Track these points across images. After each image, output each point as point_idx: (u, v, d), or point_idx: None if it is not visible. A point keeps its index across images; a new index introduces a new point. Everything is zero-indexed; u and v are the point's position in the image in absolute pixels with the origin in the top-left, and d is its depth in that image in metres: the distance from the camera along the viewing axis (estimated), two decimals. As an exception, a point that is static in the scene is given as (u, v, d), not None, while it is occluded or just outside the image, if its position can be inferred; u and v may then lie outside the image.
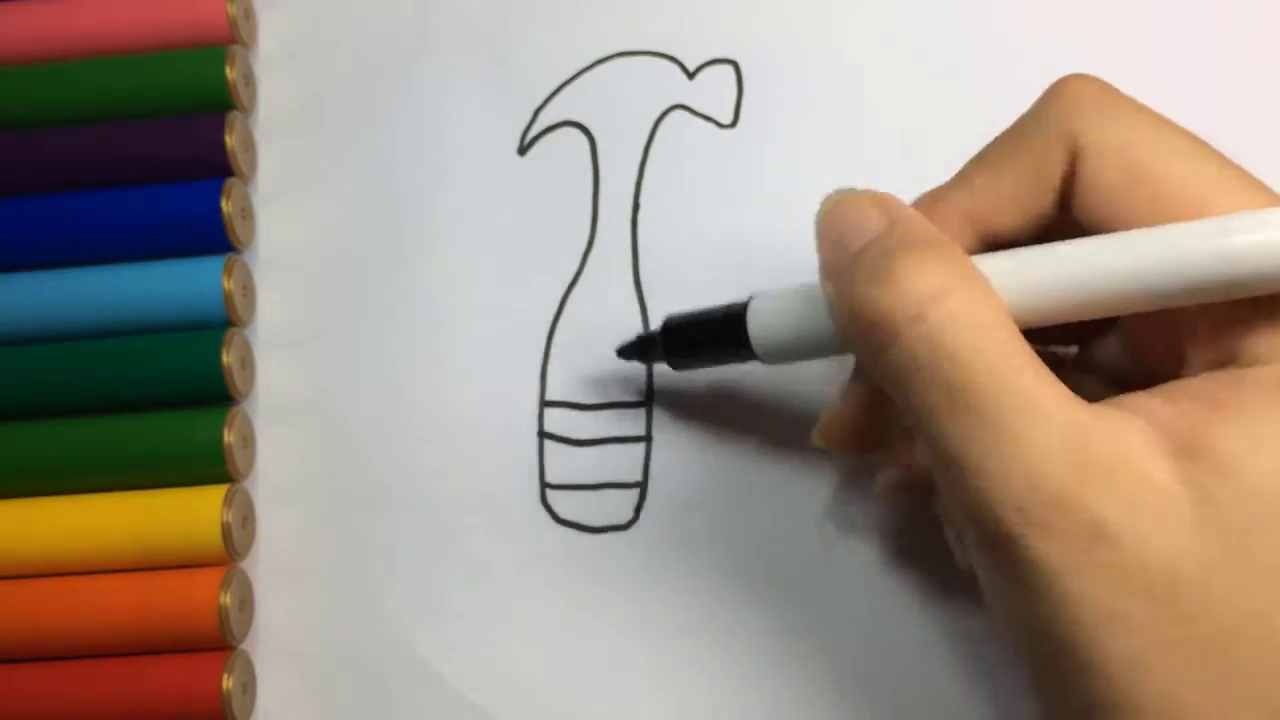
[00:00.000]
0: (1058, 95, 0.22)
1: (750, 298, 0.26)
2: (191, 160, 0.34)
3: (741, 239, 0.32)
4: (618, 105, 0.34)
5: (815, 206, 0.24)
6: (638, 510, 0.31)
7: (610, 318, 0.32)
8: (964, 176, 0.24)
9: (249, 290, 0.34)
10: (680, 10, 0.35)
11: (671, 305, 0.32)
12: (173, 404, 0.32)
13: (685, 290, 0.32)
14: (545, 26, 0.35)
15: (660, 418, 0.31)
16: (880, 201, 0.23)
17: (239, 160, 0.34)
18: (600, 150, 0.34)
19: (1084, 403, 0.20)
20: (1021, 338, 0.20)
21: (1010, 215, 0.23)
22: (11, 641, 0.30)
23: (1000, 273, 0.21)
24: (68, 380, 0.32)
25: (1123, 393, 0.21)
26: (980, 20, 0.33)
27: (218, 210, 0.33)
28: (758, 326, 0.26)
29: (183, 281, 0.33)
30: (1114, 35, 0.33)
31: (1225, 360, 0.20)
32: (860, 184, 0.24)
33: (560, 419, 0.32)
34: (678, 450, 0.31)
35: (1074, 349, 0.26)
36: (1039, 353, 0.23)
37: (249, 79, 0.35)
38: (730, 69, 0.34)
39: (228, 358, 0.32)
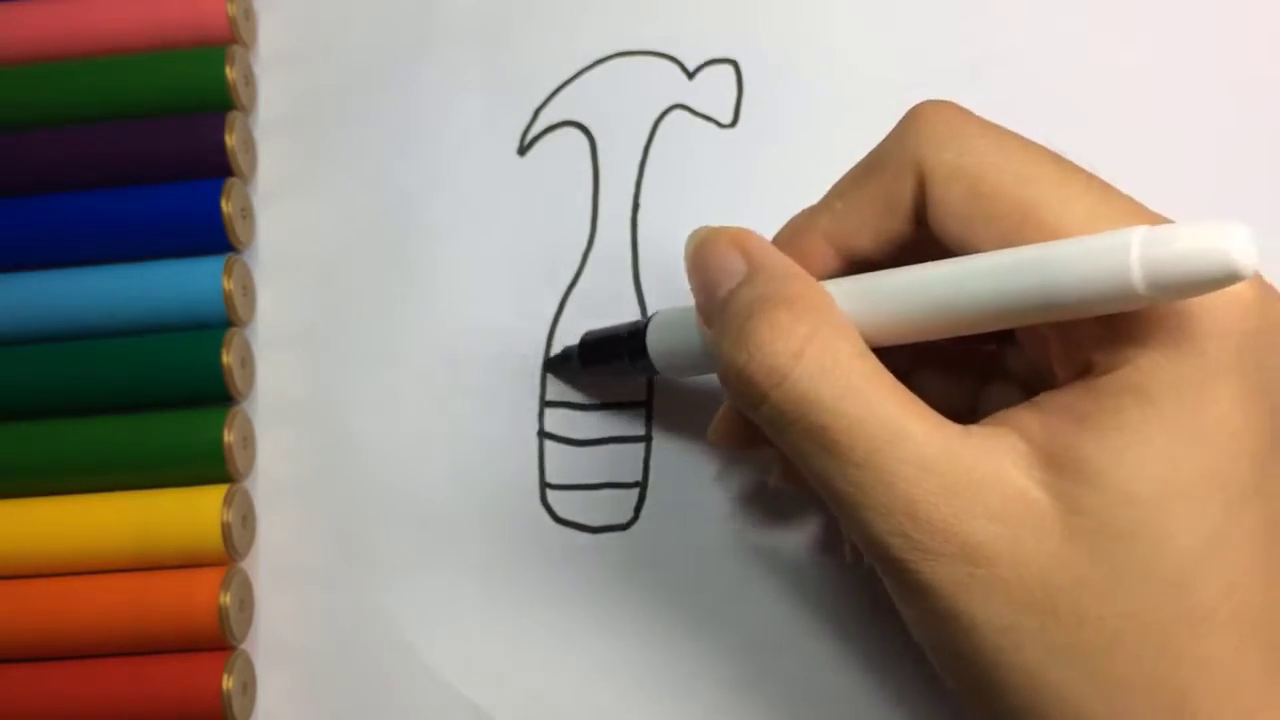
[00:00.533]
0: (909, 121, 0.23)
1: (652, 315, 0.28)
2: (191, 160, 0.34)
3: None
4: (618, 105, 0.34)
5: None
6: (638, 510, 0.31)
7: (610, 317, 0.32)
8: (826, 201, 0.24)
9: (249, 290, 0.34)
10: (680, 10, 0.35)
11: (671, 305, 0.32)
12: (173, 404, 0.32)
13: (685, 290, 0.32)
14: (545, 26, 0.35)
15: (660, 418, 0.31)
16: (740, 243, 0.23)
17: (239, 160, 0.34)
18: (600, 150, 0.34)
19: (953, 425, 0.21)
20: (883, 370, 0.21)
21: (868, 237, 0.24)
22: (11, 641, 0.30)
23: (850, 295, 0.22)
24: (68, 380, 0.32)
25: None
26: (980, 20, 0.33)
27: (218, 210, 0.33)
28: (654, 340, 0.28)
29: (183, 281, 0.33)
30: (1111, 36, 0.33)
31: (1084, 371, 0.21)
32: None
33: (560, 419, 0.32)
34: (678, 450, 0.31)
35: (992, 348, 0.26)
36: (963, 354, 0.25)
37: (249, 79, 0.35)
38: (730, 69, 0.34)
39: (228, 358, 0.32)
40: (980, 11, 0.34)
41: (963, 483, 0.20)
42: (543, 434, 0.32)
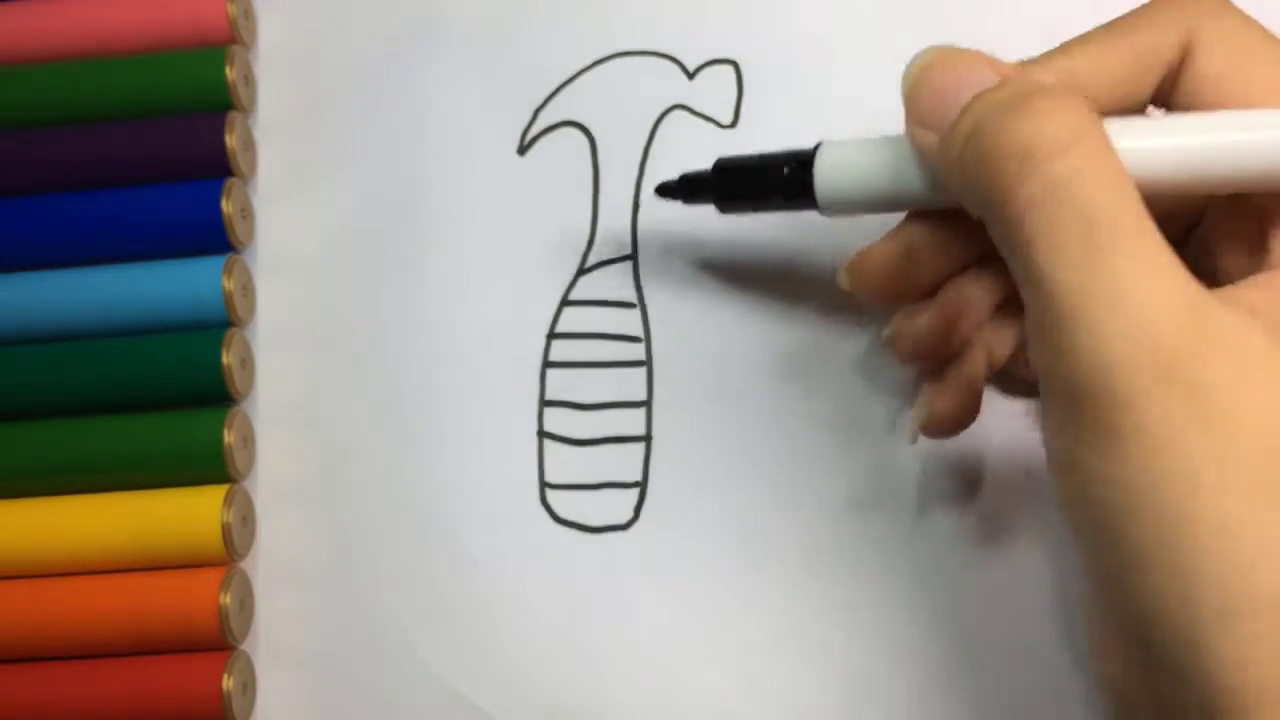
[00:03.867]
0: None
1: (818, 144, 0.27)
2: (191, 160, 0.34)
3: (742, 238, 0.32)
4: (618, 105, 0.34)
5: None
6: (638, 510, 0.31)
7: (610, 317, 0.32)
8: (1065, 48, 0.24)
9: (249, 290, 0.34)
10: (680, 10, 0.35)
11: (671, 305, 0.32)
12: (173, 404, 0.32)
13: (685, 290, 0.32)
14: (545, 26, 0.35)
15: (660, 418, 0.31)
16: (990, 61, 0.23)
17: (239, 160, 0.34)
18: (600, 150, 0.34)
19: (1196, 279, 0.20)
20: (1137, 193, 0.21)
21: (1106, 93, 0.23)
22: (11, 641, 0.30)
23: (1121, 134, 0.22)
24: (68, 380, 0.32)
25: None
26: (980, 21, 0.33)
27: (218, 210, 0.33)
28: (825, 172, 0.26)
29: (183, 281, 0.33)
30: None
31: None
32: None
33: (560, 419, 0.32)
34: (678, 450, 0.31)
35: None
36: None
37: (249, 79, 0.35)
38: (730, 69, 0.34)
39: (228, 358, 0.32)
40: (981, 11, 0.33)
41: (1209, 331, 0.20)
42: (542, 434, 0.32)
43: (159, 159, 0.34)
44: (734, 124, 0.34)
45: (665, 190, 0.30)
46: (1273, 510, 0.19)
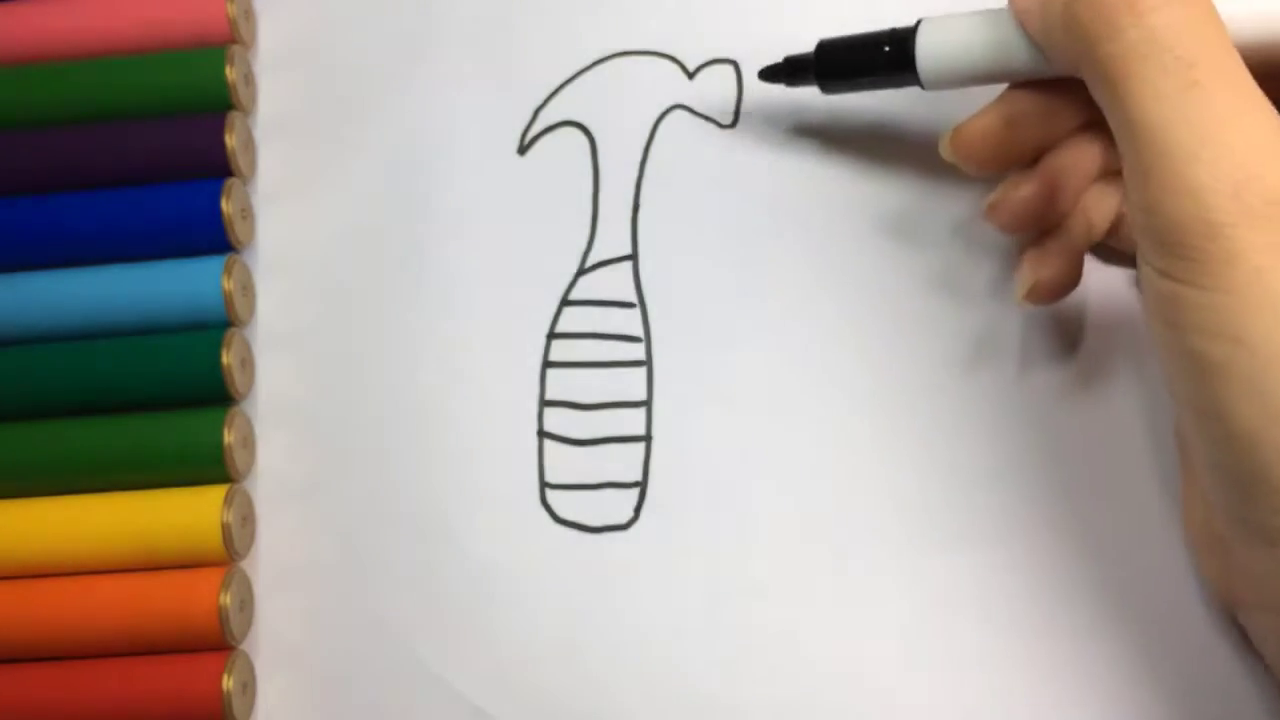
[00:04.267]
0: None
1: (919, 20, 0.27)
2: (191, 160, 0.34)
3: (741, 239, 0.32)
4: (618, 105, 0.34)
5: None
6: (638, 510, 0.31)
7: (610, 317, 0.32)
8: None
9: (249, 290, 0.34)
10: (680, 10, 0.35)
11: (671, 305, 0.32)
12: (173, 404, 0.32)
13: (685, 290, 0.32)
14: (545, 26, 0.35)
15: (660, 418, 0.31)
16: None
17: (239, 160, 0.34)
18: (600, 150, 0.34)
19: None
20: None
21: None
22: (11, 641, 0.30)
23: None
24: (68, 380, 0.32)
25: None
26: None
27: (218, 210, 0.33)
28: (927, 45, 0.27)
29: (183, 281, 0.33)
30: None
31: None
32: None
33: (560, 418, 0.32)
34: (678, 450, 0.31)
35: None
36: None
37: (249, 79, 0.35)
38: (730, 69, 0.34)
39: (228, 358, 0.32)
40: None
41: None
42: (542, 434, 0.32)
43: (159, 159, 0.34)
44: (734, 124, 0.34)
45: (769, 73, 0.31)
46: None
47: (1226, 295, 0.21)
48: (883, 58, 0.28)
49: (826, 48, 0.30)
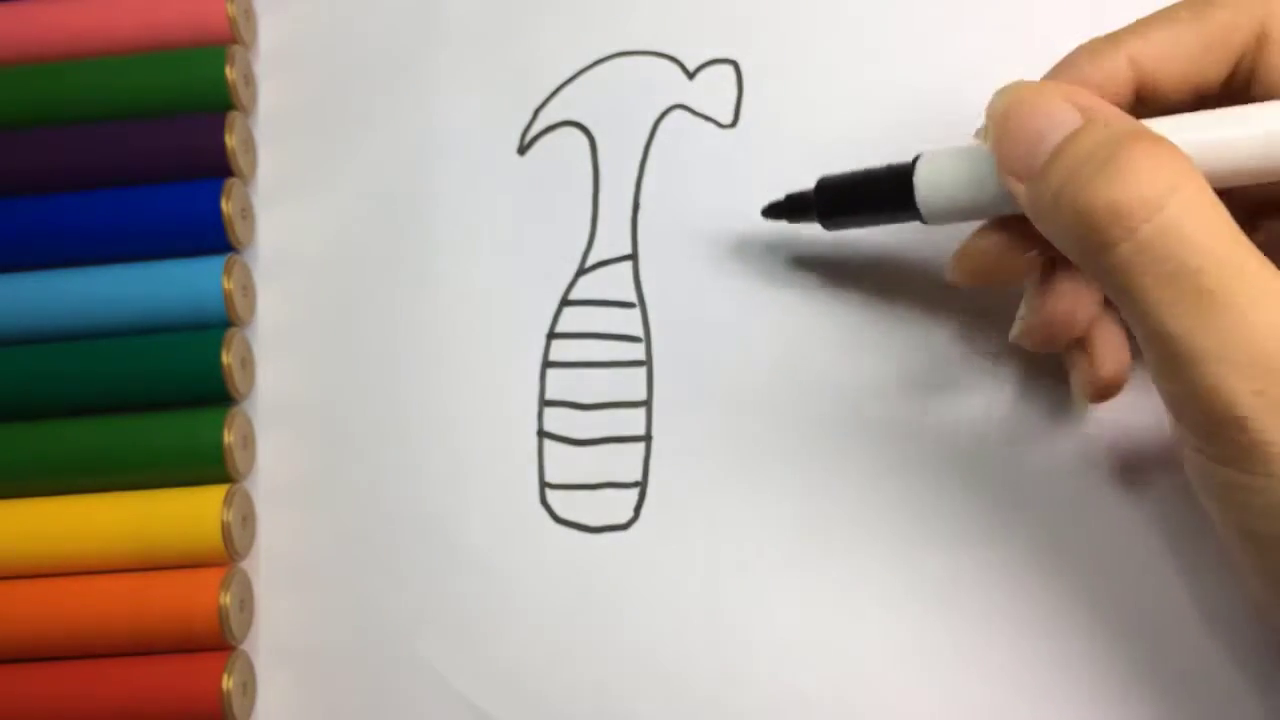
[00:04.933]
0: None
1: (916, 156, 0.27)
2: (191, 160, 0.34)
3: (741, 239, 0.32)
4: (618, 105, 0.34)
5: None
6: (637, 510, 0.31)
7: (610, 317, 0.32)
8: (1139, 27, 0.24)
9: (249, 290, 0.34)
10: (680, 10, 0.35)
11: (671, 305, 0.32)
12: (173, 404, 0.32)
13: (685, 290, 0.32)
14: (545, 26, 0.35)
15: (660, 418, 0.31)
16: (1069, 97, 0.23)
17: (239, 160, 0.34)
18: (600, 150, 0.34)
19: None
20: (1240, 229, 0.21)
21: (1178, 74, 0.24)
22: (11, 641, 0.30)
23: (1186, 135, 0.22)
24: (68, 380, 0.32)
25: None
26: (981, 20, 0.33)
27: (218, 210, 0.33)
28: (925, 184, 0.26)
29: (183, 281, 0.33)
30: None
31: None
32: None
33: (560, 418, 0.32)
34: (678, 450, 0.31)
35: None
36: None
37: (249, 79, 0.35)
38: (730, 69, 0.34)
39: (228, 358, 0.32)
40: (980, 11, 0.33)
41: None
42: (542, 433, 0.32)
43: (159, 159, 0.34)
44: (734, 124, 0.34)
45: (772, 211, 0.30)
46: None
47: (1264, 479, 0.21)
48: (885, 196, 0.28)
49: (825, 187, 0.29)
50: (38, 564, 0.31)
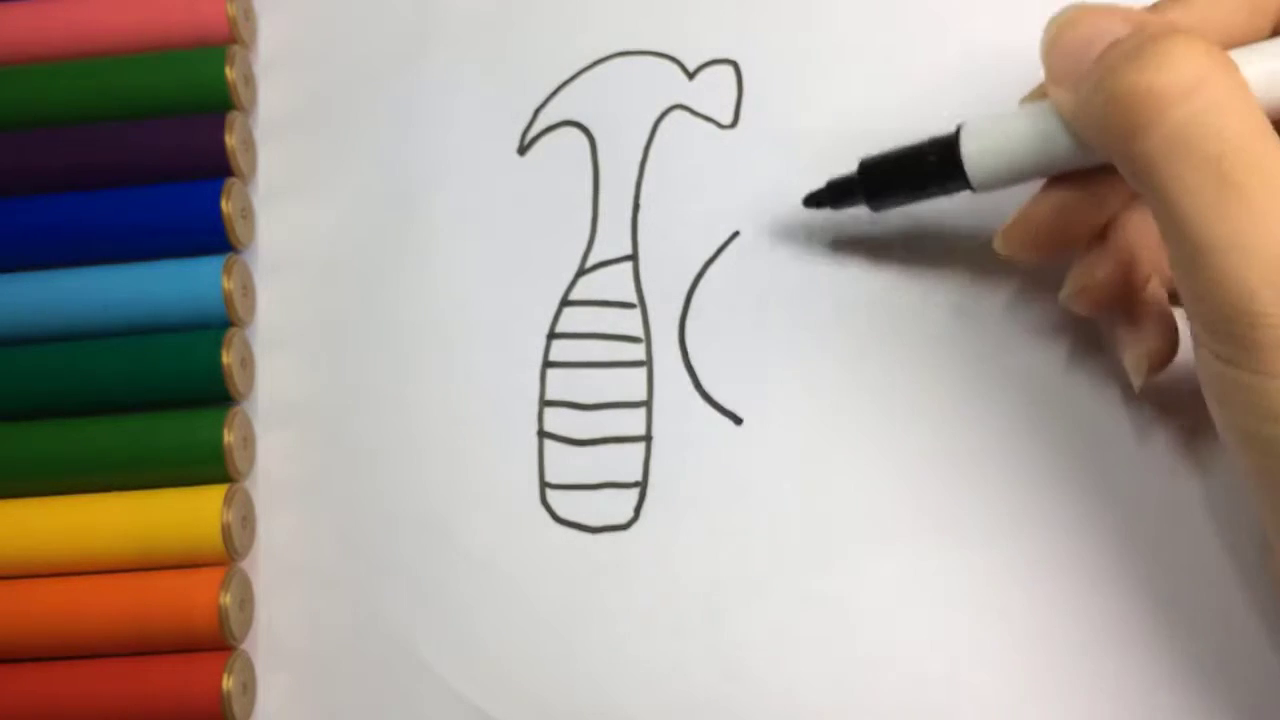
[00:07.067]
0: None
1: (958, 126, 0.27)
2: (191, 160, 0.34)
3: (741, 239, 0.32)
4: (618, 105, 0.34)
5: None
6: (638, 510, 0.31)
7: (610, 318, 0.32)
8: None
9: (249, 290, 0.34)
10: (680, 10, 0.35)
11: (671, 305, 0.32)
12: (173, 404, 0.32)
13: (685, 290, 0.32)
14: (545, 26, 0.35)
15: (660, 418, 0.31)
16: (1121, 13, 0.24)
17: (239, 160, 0.34)
18: (600, 150, 0.34)
19: None
20: (1273, 129, 0.21)
21: (1222, 38, 0.24)
22: (11, 641, 0.30)
23: (1249, 62, 0.23)
24: (68, 380, 0.32)
25: None
26: (980, 20, 0.33)
27: (218, 210, 0.33)
28: (973, 152, 0.27)
29: (183, 281, 0.33)
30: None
31: None
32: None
33: (560, 418, 0.32)
34: (678, 450, 0.31)
35: None
36: None
37: (249, 79, 0.35)
38: (730, 69, 0.34)
39: (228, 358, 0.32)
40: (980, 11, 0.33)
41: None
42: (542, 433, 0.32)
43: (159, 159, 0.34)
44: (734, 124, 0.34)
45: (814, 200, 0.30)
46: None
47: (1275, 380, 0.21)
48: (931, 168, 0.28)
49: (870, 167, 0.29)
50: (38, 564, 0.31)
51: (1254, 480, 0.23)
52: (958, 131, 0.27)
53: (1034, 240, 0.28)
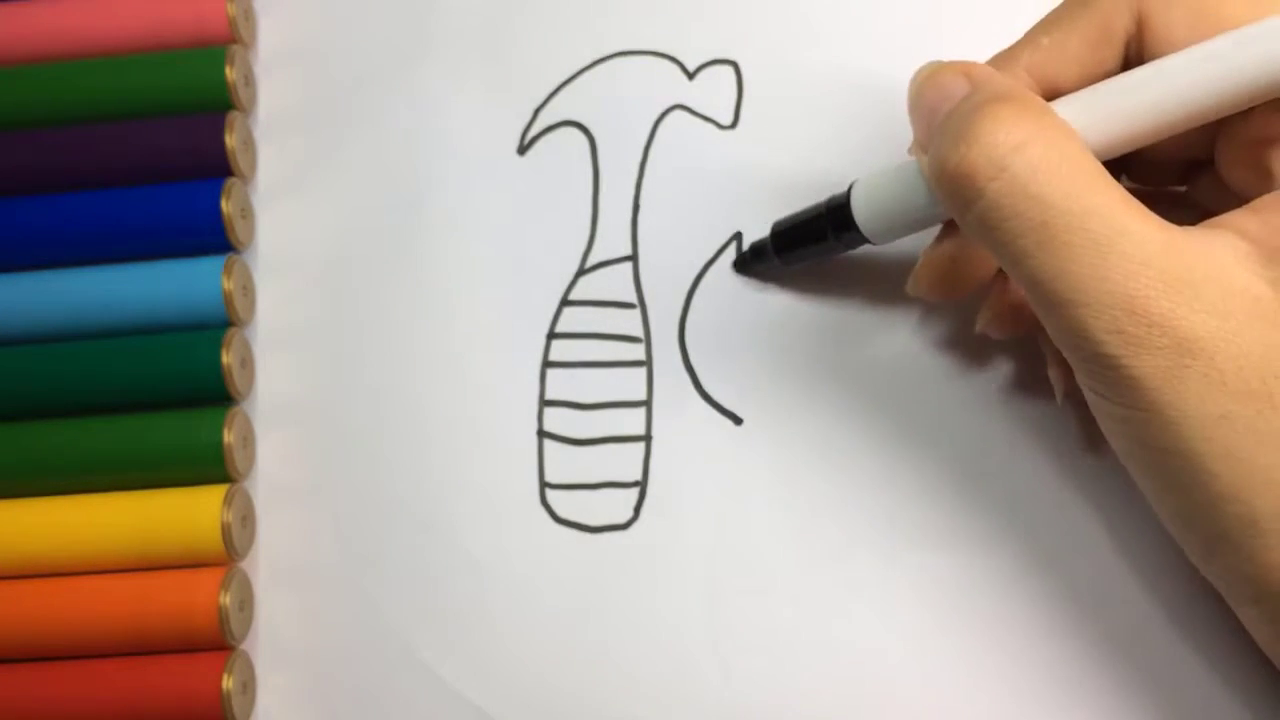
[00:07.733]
0: None
1: (851, 184, 0.28)
2: (191, 160, 0.34)
3: (741, 239, 0.32)
4: (618, 105, 0.34)
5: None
6: (637, 510, 0.31)
7: (610, 318, 0.32)
8: (1030, 37, 0.25)
9: (249, 290, 0.34)
10: (680, 10, 0.35)
11: (671, 305, 0.32)
12: (173, 404, 0.32)
13: (685, 290, 0.32)
14: (545, 26, 0.35)
15: (660, 417, 0.31)
16: (965, 69, 0.24)
17: (239, 160, 0.34)
18: (600, 150, 0.34)
19: (1170, 225, 0.22)
20: (1105, 172, 0.22)
21: (1074, 73, 0.25)
22: (11, 641, 0.30)
23: (1076, 111, 0.23)
24: (67, 380, 0.32)
25: None
26: (981, 20, 0.33)
27: (218, 210, 0.33)
28: (861, 208, 0.28)
29: (183, 281, 0.33)
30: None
31: None
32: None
33: (560, 418, 0.32)
34: (678, 450, 0.31)
35: (1183, 189, 0.28)
36: (1151, 193, 0.25)
37: (249, 79, 0.35)
38: (730, 69, 0.34)
39: (228, 358, 0.32)
40: (980, 11, 0.33)
41: (1184, 279, 0.21)
42: (542, 433, 0.32)
43: (159, 159, 0.34)
44: (734, 124, 0.34)
45: (740, 264, 0.32)
46: (1261, 447, 0.21)
47: (1136, 413, 0.22)
48: (828, 226, 0.29)
49: (778, 230, 0.31)
50: (38, 564, 0.31)
51: (1144, 490, 0.24)
52: (848, 191, 0.28)
53: (940, 283, 0.28)
